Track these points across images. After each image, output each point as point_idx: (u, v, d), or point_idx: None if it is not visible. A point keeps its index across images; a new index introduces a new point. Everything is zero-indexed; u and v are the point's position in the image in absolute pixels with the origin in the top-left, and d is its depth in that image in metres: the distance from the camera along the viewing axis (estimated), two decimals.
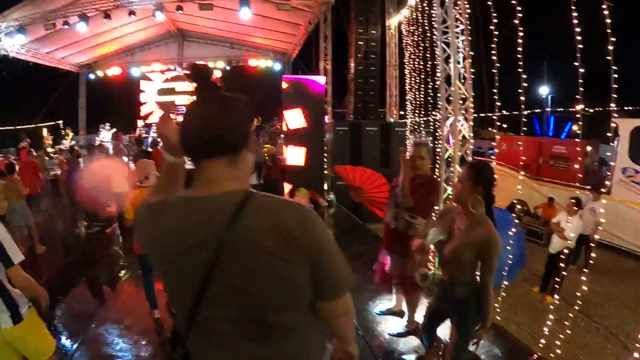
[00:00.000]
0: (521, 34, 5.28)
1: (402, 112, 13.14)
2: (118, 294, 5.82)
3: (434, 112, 9.87)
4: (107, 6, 11.69)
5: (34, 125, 16.79)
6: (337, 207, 9.33)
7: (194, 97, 1.23)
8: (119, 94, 19.74)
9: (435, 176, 5.46)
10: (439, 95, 6.41)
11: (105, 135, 15.04)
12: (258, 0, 11.50)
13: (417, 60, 11.35)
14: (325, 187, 9.35)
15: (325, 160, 9.06)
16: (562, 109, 28.26)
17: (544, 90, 28.88)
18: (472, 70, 6.40)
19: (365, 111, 11.58)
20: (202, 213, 1.16)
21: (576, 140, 10.78)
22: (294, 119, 7.84)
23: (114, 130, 15.87)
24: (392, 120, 12.55)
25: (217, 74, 19.63)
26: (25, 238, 6.94)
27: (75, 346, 4.18)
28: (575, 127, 28.64)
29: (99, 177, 6.55)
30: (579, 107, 4.89)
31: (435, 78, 8.47)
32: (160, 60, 19.13)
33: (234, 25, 15.74)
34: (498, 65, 5.66)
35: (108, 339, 4.35)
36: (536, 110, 26.30)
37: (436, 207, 4.63)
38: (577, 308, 4.47)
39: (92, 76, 19.34)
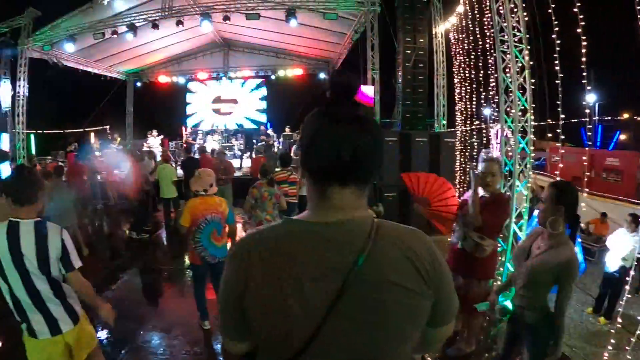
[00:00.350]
0: (584, 42, 5.09)
1: (444, 122, 12.89)
2: (166, 301, 5.78)
3: (490, 124, 9.64)
4: (155, 16, 11.98)
5: (82, 130, 17.37)
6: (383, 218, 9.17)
7: (329, 113, 1.10)
8: (165, 101, 20.15)
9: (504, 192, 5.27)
10: (493, 105, 6.20)
11: (153, 142, 15.39)
12: (304, 9, 11.55)
13: (468, 69, 11.10)
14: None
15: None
16: (609, 117, 27.26)
17: (591, 98, 27.86)
18: (532, 80, 6.19)
19: (414, 121, 11.36)
20: (331, 241, 1.05)
21: (629, 152, 10.25)
22: None
23: (161, 137, 16.24)
24: (440, 130, 12.30)
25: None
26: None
27: (123, 352, 4.16)
28: (623, 136, 27.64)
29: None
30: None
31: (489, 88, 8.21)
32: (206, 69, 19.45)
33: (279, 35, 15.82)
34: (559, 75, 5.50)
35: (156, 348, 4.31)
36: (583, 120, 25.33)
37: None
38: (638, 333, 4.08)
39: (139, 84, 19.97)
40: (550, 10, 5.56)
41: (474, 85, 10.66)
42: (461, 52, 11.47)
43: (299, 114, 18.20)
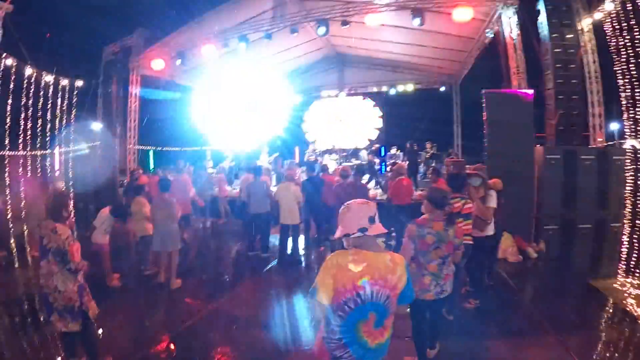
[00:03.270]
0: None
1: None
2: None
3: None
4: (267, 27, 11.39)
5: (200, 148, 17.56)
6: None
7: None
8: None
9: None
10: None
11: (263, 159, 14.81)
12: (430, 10, 10.15)
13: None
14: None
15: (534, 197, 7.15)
16: None
17: None
18: None
19: (568, 135, 9.23)
20: None
21: None
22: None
23: (276, 154, 15.72)
24: (609, 146, 9.87)
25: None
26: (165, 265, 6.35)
27: None
28: None
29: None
30: None
31: None
32: (321, 86, 18.88)
33: (397, 46, 14.60)
34: None
35: None
36: None
37: None
38: None
39: None
40: None
41: None
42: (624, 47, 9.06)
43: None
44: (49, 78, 11.61)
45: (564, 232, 7.40)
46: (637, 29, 8.27)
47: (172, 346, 4.43)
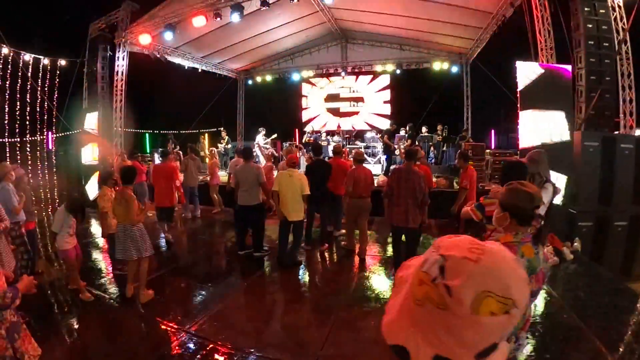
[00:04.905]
0: None
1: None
2: None
3: None
4: None
5: (197, 131, 16.93)
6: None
7: None
8: (278, 100, 18.90)
9: None
10: None
11: (261, 139, 13.87)
12: None
13: None
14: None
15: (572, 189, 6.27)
16: None
17: None
18: None
19: (601, 120, 8.28)
20: None
21: None
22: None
23: (274, 136, 14.83)
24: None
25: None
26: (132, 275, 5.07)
27: None
28: None
29: None
30: None
31: None
32: (322, 65, 17.75)
33: (405, 20, 13.50)
34: None
35: None
36: None
37: None
38: None
39: (250, 82, 18.96)
40: None
41: None
42: None
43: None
44: (27, 58, 10.84)
45: (598, 229, 6.58)
46: None
47: None
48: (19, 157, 11.01)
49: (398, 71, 16.79)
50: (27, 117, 11.16)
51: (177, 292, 5.40)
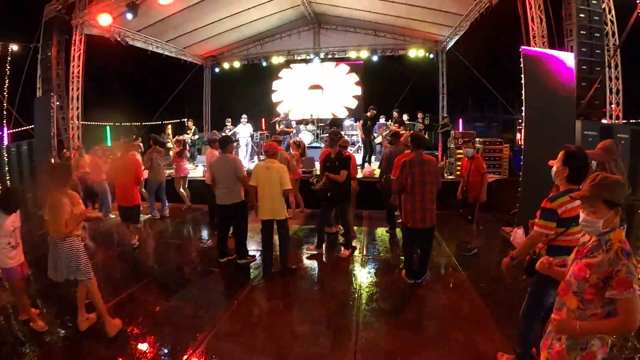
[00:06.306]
0: None
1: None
2: None
3: None
4: None
5: (160, 122, 16.10)
6: None
7: None
8: (247, 87, 18.02)
9: None
10: None
11: (242, 129, 12.89)
12: None
13: None
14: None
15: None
16: None
17: None
18: None
19: (589, 110, 8.13)
20: None
21: None
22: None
23: (288, 110, 14.40)
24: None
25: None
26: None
27: None
28: None
29: None
30: None
31: None
32: (293, 50, 16.98)
33: (381, 5, 12.94)
34: None
35: None
36: None
37: None
38: None
39: (217, 69, 17.95)
40: None
41: None
42: None
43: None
44: None
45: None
46: None
47: None
48: None
49: (375, 58, 16.30)
50: None
51: (152, 318, 4.37)
